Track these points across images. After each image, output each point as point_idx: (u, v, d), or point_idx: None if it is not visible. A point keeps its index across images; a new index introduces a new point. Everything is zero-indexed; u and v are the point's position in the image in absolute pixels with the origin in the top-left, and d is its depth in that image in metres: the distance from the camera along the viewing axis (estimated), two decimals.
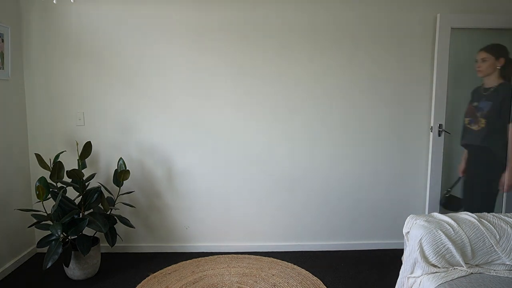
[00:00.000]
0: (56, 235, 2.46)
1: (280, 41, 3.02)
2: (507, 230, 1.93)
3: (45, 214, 2.65)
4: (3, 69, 2.82)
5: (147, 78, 3.07)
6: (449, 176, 3.20)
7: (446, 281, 1.79)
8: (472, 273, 1.87)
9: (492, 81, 2.66)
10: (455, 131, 3.05)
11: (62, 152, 2.96)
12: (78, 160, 2.86)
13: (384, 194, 3.23)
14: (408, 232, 2.08)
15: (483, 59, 2.64)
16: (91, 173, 3.00)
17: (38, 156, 2.78)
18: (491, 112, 2.58)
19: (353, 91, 3.12)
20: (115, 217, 2.86)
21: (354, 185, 3.21)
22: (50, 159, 2.92)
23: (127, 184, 3.09)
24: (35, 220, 2.64)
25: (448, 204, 3.04)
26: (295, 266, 2.92)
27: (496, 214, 2.07)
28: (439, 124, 3.06)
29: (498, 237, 1.92)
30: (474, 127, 2.64)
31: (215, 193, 3.19)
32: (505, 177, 2.55)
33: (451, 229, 1.94)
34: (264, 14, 3.01)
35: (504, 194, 3.16)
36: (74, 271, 2.70)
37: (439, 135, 3.07)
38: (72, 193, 2.98)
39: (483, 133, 2.61)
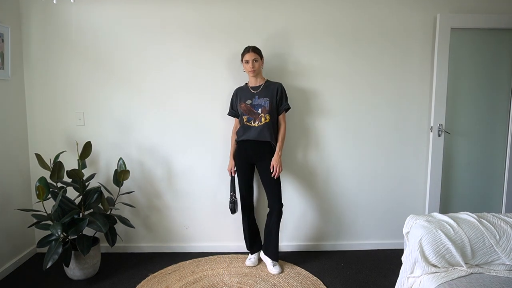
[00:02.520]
0: (56, 235, 2.46)
1: (281, 41, 3.03)
2: (507, 230, 1.93)
3: (45, 214, 2.65)
4: (3, 69, 2.82)
5: (147, 78, 3.07)
6: (449, 176, 3.20)
7: (446, 281, 1.79)
8: (472, 273, 1.87)
9: (260, 80, 2.82)
10: None
11: (62, 152, 2.96)
12: (78, 160, 2.86)
13: (384, 194, 3.23)
14: (408, 232, 2.08)
15: (255, 59, 2.72)
16: (91, 173, 3.00)
17: (38, 156, 2.78)
18: (270, 108, 2.76)
19: (353, 91, 3.11)
20: (115, 217, 2.86)
21: (354, 185, 3.21)
22: (50, 159, 2.92)
23: (127, 184, 3.09)
24: (35, 220, 2.63)
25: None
26: (295, 266, 2.92)
27: (496, 214, 2.07)
28: (439, 124, 3.06)
29: (498, 237, 1.92)
30: (255, 124, 2.78)
31: (215, 193, 3.19)
32: (272, 161, 2.78)
33: (451, 229, 1.94)
34: (265, 14, 3.01)
35: (505, 194, 3.17)
36: (74, 271, 2.70)
37: (439, 135, 3.07)
38: (72, 193, 2.98)
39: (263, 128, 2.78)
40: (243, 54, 2.76)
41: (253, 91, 2.81)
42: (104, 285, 2.68)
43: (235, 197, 2.93)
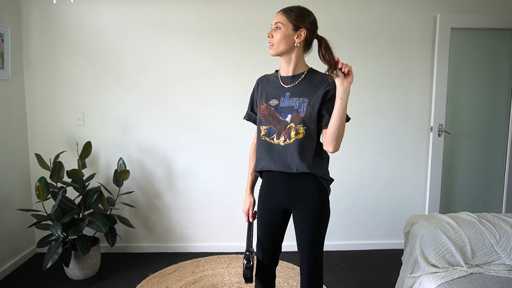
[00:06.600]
0: (56, 235, 2.46)
1: None
2: (507, 230, 1.94)
3: (45, 214, 2.65)
4: (3, 69, 2.82)
5: (147, 78, 3.07)
6: (449, 176, 3.20)
7: (446, 281, 1.79)
8: (472, 273, 1.87)
9: (297, 66, 1.71)
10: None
11: (62, 152, 2.96)
12: (78, 160, 2.86)
13: (384, 194, 3.23)
14: (408, 232, 2.08)
15: (278, 25, 1.61)
16: (91, 173, 3.00)
17: (38, 156, 2.78)
18: (308, 115, 1.60)
19: (353, 91, 3.10)
20: (115, 217, 2.86)
21: (354, 185, 3.21)
22: (50, 159, 2.92)
23: (127, 184, 3.09)
24: (35, 220, 2.63)
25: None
26: (295, 266, 2.92)
27: (496, 214, 2.08)
28: (439, 124, 3.06)
29: (498, 237, 1.92)
30: (280, 141, 1.63)
31: (215, 193, 3.19)
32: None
33: (451, 229, 1.94)
34: (265, 15, 3.01)
35: (505, 194, 3.17)
36: (74, 271, 2.70)
37: (439, 135, 3.07)
38: (72, 193, 2.98)
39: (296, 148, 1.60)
40: None
41: (284, 85, 1.67)
42: (104, 285, 2.68)
43: (253, 259, 1.79)
